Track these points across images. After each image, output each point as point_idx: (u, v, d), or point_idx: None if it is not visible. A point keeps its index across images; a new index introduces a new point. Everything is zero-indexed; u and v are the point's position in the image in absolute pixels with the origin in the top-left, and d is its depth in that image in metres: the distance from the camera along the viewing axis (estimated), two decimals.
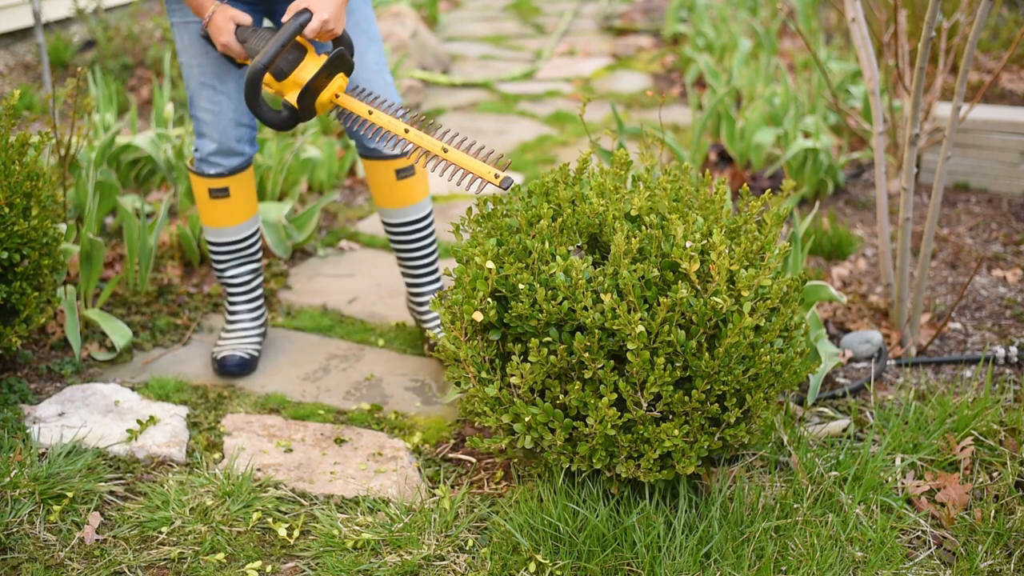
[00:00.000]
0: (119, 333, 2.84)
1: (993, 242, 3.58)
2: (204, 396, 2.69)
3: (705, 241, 2.03)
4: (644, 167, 2.34)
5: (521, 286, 2.00)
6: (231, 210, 2.78)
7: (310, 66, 2.43)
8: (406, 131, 2.21)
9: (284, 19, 2.41)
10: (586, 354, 1.95)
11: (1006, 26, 5.26)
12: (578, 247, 2.10)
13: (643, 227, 2.09)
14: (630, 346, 1.92)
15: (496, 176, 1.97)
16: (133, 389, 2.69)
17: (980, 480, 2.29)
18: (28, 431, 2.43)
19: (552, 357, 1.99)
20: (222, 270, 2.87)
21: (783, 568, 2.03)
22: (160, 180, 3.77)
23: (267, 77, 2.43)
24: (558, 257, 2.01)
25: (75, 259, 3.07)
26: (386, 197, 2.83)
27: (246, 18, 2.49)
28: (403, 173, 2.79)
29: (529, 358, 2.00)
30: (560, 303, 1.98)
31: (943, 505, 2.23)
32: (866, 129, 3.70)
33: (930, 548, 2.12)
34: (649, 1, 8.34)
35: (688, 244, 1.98)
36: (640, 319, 1.93)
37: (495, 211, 2.24)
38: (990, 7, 2.46)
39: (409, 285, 2.95)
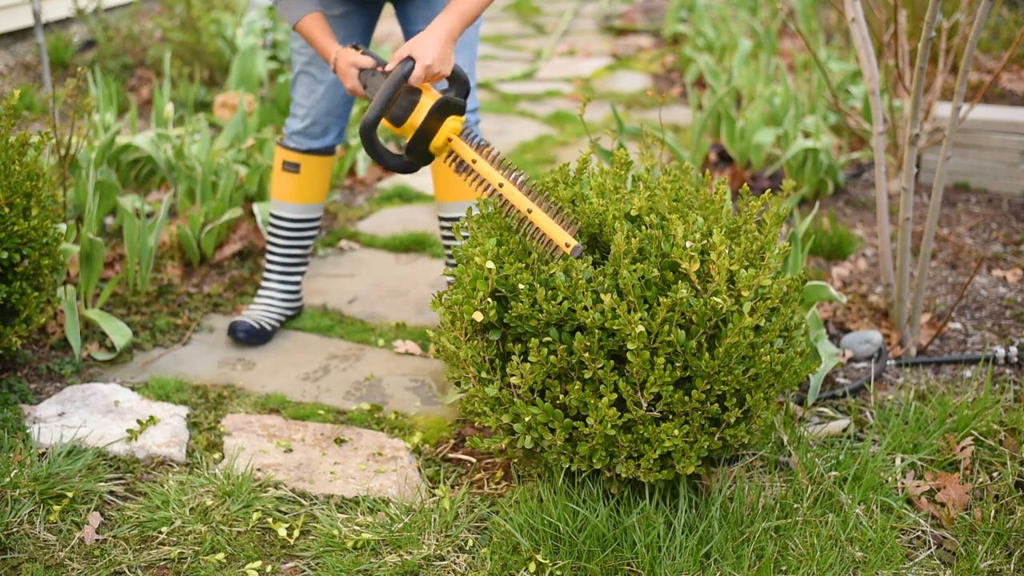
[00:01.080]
0: (119, 333, 2.84)
1: (993, 242, 3.58)
2: (204, 396, 2.69)
3: (705, 241, 2.03)
4: (644, 167, 2.34)
5: (521, 286, 2.00)
6: (296, 187, 2.96)
7: (423, 109, 2.42)
8: (500, 184, 2.24)
9: (388, 67, 2.44)
10: (586, 354, 1.95)
11: (1006, 26, 5.26)
12: (582, 250, 2.10)
13: (643, 227, 2.09)
14: (630, 346, 1.92)
15: (567, 245, 2.02)
16: (133, 389, 2.69)
17: (980, 480, 2.29)
18: (28, 431, 2.43)
19: (552, 357, 1.99)
20: (271, 244, 3.04)
21: (783, 568, 2.03)
22: (160, 180, 3.77)
23: (388, 124, 2.45)
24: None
25: (75, 259, 3.07)
26: (443, 189, 2.93)
27: (367, 61, 2.52)
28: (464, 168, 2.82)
29: (529, 358, 2.00)
30: (560, 303, 1.98)
31: (943, 505, 2.23)
32: (866, 129, 3.70)
33: (930, 548, 2.12)
34: (649, 1, 8.34)
35: (688, 244, 1.98)
36: (640, 319, 1.93)
37: (495, 211, 2.24)
38: (990, 7, 2.46)
39: None
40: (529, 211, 2.11)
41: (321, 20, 2.62)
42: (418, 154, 2.45)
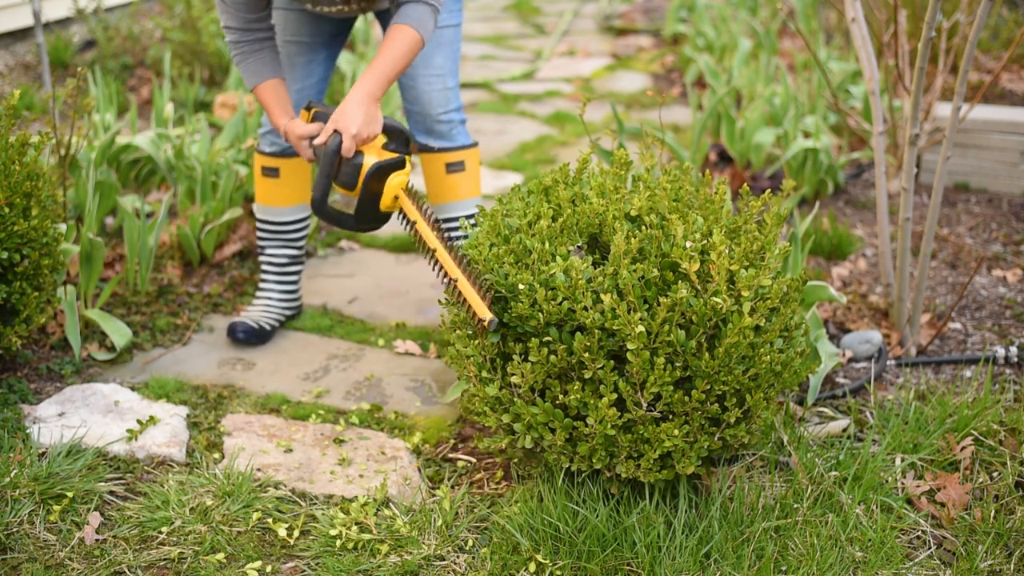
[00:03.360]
0: (119, 333, 2.84)
1: (993, 242, 3.58)
2: (204, 396, 2.69)
3: (705, 241, 2.03)
4: (644, 167, 2.34)
5: (521, 286, 2.00)
6: (279, 191, 2.98)
7: (365, 170, 2.48)
8: (434, 250, 2.29)
9: (317, 142, 2.50)
10: (586, 354, 1.95)
11: (1006, 26, 5.26)
12: (578, 247, 2.10)
13: (643, 227, 2.09)
14: (630, 346, 1.92)
15: (483, 319, 2.06)
16: (133, 389, 2.69)
17: (980, 480, 2.29)
18: (28, 431, 2.43)
19: (552, 357, 1.99)
20: (262, 248, 3.07)
21: (783, 568, 2.03)
22: (160, 180, 3.77)
23: (340, 191, 2.53)
24: (558, 257, 2.01)
25: (75, 259, 3.07)
26: (435, 191, 2.95)
27: (313, 129, 2.55)
28: (453, 168, 2.90)
29: (529, 358, 2.00)
30: (560, 303, 1.98)
31: (943, 505, 2.23)
32: (866, 129, 3.70)
33: (930, 548, 2.12)
34: (649, 1, 8.34)
35: (688, 244, 1.98)
36: (640, 319, 1.93)
37: (495, 211, 2.24)
38: (990, 7, 2.46)
39: None
40: (455, 280, 2.14)
41: (279, 87, 2.66)
42: (369, 218, 2.52)
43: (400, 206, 2.48)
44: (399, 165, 2.49)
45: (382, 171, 2.47)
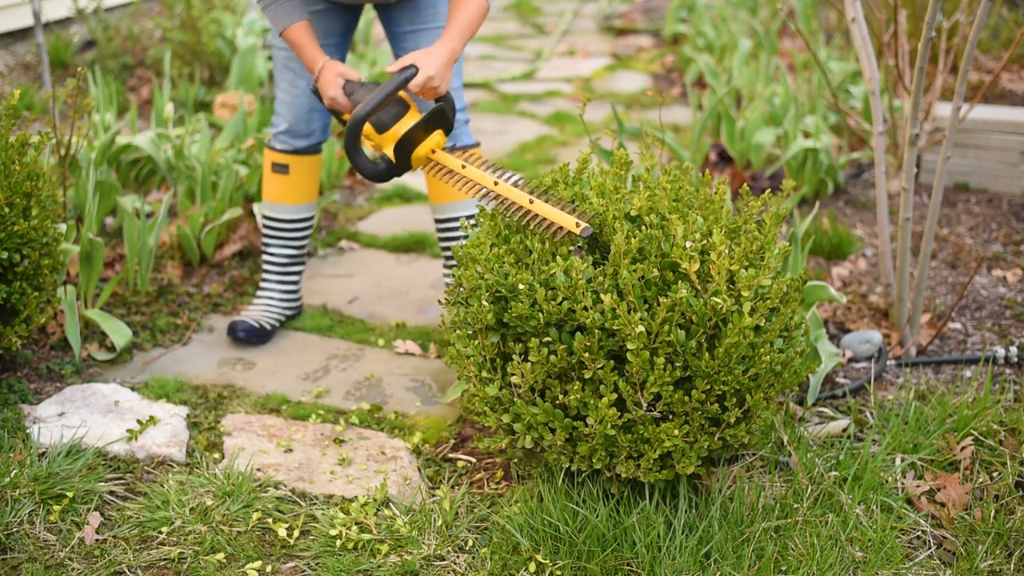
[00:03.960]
0: (119, 333, 2.84)
1: (993, 242, 3.58)
2: (204, 396, 2.69)
3: (705, 241, 2.03)
4: (644, 167, 2.34)
5: (521, 286, 2.00)
6: (287, 188, 2.97)
7: (410, 120, 2.50)
8: (495, 183, 2.30)
9: (389, 69, 2.50)
10: (586, 354, 1.95)
11: (1006, 26, 5.26)
12: (578, 247, 2.10)
13: (643, 227, 2.09)
14: (630, 346, 1.92)
15: (577, 225, 2.07)
16: (133, 389, 2.69)
17: (980, 480, 2.29)
18: (28, 431, 2.43)
19: (552, 357, 1.99)
20: (266, 244, 3.06)
21: (783, 568, 2.03)
22: (160, 180, 3.77)
23: (368, 129, 2.52)
24: (558, 257, 2.01)
25: (75, 259, 3.07)
26: (436, 191, 2.94)
27: (355, 74, 2.59)
28: None
29: (529, 358, 2.00)
30: (560, 303, 1.98)
31: (943, 505, 2.23)
32: (866, 129, 3.70)
33: (930, 548, 2.12)
34: (649, 1, 8.34)
35: (688, 244, 1.98)
36: (640, 319, 1.93)
37: (496, 211, 2.24)
38: (990, 7, 2.46)
39: None
40: (531, 202, 2.14)
41: (308, 28, 2.64)
42: (399, 161, 2.51)
43: (434, 159, 2.51)
44: (448, 126, 2.53)
45: (436, 120, 2.49)
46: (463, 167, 2.40)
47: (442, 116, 2.50)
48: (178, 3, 5.27)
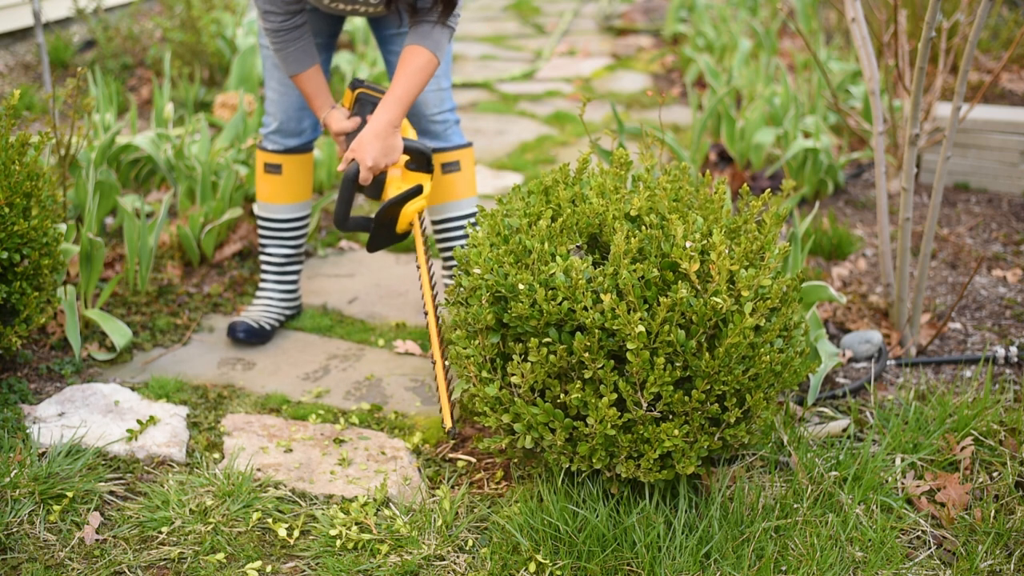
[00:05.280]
0: (119, 333, 2.84)
1: (993, 242, 3.58)
2: (204, 396, 2.69)
3: (705, 241, 2.03)
4: (644, 167, 2.34)
5: (521, 286, 2.00)
6: (280, 188, 2.98)
7: (389, 192, 2.62)
8: (425, 313, 2.45)
9: (339, 168, 2.63)
10: (586, 354, 1.95)
11: (1006, 26, 5.26)
12: (578, 247, 2.10)
13: (643, 227, 2.09)
14: (630, 346, 1.92)
15: (443, 425, 2.31)
16: (133, 389, 2.69)
17: (980, 480, 2.29)
18: (28, 431, 2.43)
19: (552, 357, 1.99)
20: (263, 245, 3.07)
21: (783, 568, 2.03)
22: (160, 180, 3.77)
23: (370, 202, 2.65)
24: (558, 257, 2.01)
25: (75, 259, 3.07)
26: (432, 191, 2.94)
27: (351, 125, 2.68)
28: (448, 168, 2.92)
29: (529, 358, 2.00)
30: (560, 303, 1.98)
31: (943, 505, 2.23)
32: (866, 129, 3.70)
33: (930, 548, 2.12)
34: (649, 1, 8.34)
35: (688, 244, 1.98)
36: (640, 319, 1.93)
37: (495, 211, 2.24)
38: (990, 7, 2.46)
39: None
40: (433, 362, 2.21)
41: (319, 75, 2.71)
42: (387, 237, 2.65)
43: (413, 231, 2.64)
44: (415, 193, 2.60)
45: (399, 201, 2.58)
46: (418, 267, 2.57)
47: (400, 197, 2.59)
48: (178, 3, 5.27)
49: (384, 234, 2.63)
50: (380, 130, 2.56)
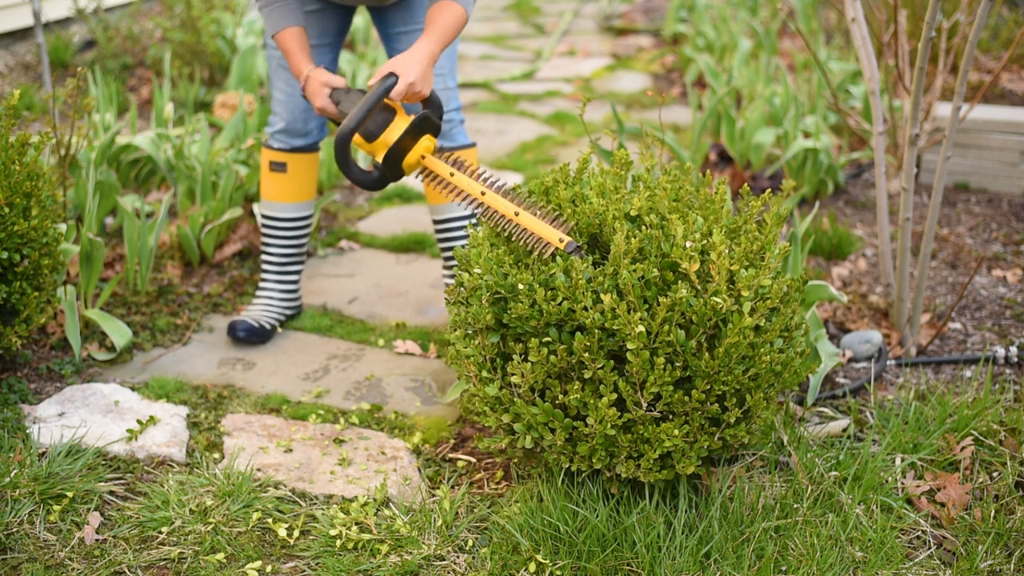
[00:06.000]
0: (119, 333, 2.84)
1: (993, 242, 3.58)
2: (204, 396, 2.69)
3: (705, 241, 2.03)
4: (644, 167, 2.34)
5: (521, 287, 2.00)
6: (285, 187, 2.98)
7: (398, 128, 2.49)
8: (483, 193, 2.29)
9: (370, 82, 2.49)
10: (586, 354, 1.95)
11: (1006, 26, 5.26)
12: (577, 247, 2.10)
13: (643, 227, 2.09)
14: (630, 346, 1.92)
15: (561, 240, 2.06)
16: (133, 389, 2.69)
17: (980, 480, 2.29)
18: (28, 431, 2.43)
19: (552, 357, 1.99)
20: (265, 244, 3.07)
21: (783, 568, 2.03)
22: (160, 180, 3.77)
23: (358, 139, 2.51)
24: (558, 257, 2.01)
25: (75, 259, 3.07)
26: (432, 192, 2.92)
27: (340, 81, 2.59)
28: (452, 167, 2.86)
29: (529, 358, 2.00)
30: (560, 303, 1.98)
31: (943, 505, 2.23)
32: (866, 129, 3.70)
33: (930, 548, 2.12)
34: (649, 1, 8.34)
35: (688, 244, 1.98)
36: (640, 319, 1.93)
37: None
38: (990, 7, 2.46)
39: None
40: (516, 214, 2.13)
41: (300, 35, 2.65)
42: (390, 169, 2.51)
43: (424, 165, 2.49)
44: (436, 130, 2.51)
45: (423, 126, 2.47)
46: (452, 175, 2.40)
47: (429, 121, 2.50)
48: (178, 3, 5.27)
49: (393, 165, 2.50)
50: (423, 57, 2.49)
